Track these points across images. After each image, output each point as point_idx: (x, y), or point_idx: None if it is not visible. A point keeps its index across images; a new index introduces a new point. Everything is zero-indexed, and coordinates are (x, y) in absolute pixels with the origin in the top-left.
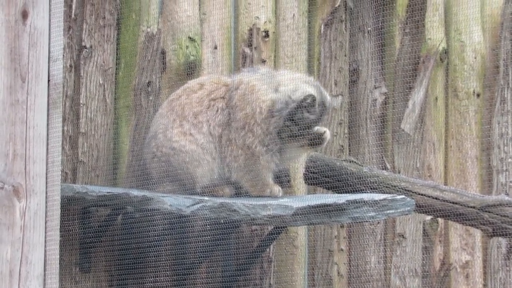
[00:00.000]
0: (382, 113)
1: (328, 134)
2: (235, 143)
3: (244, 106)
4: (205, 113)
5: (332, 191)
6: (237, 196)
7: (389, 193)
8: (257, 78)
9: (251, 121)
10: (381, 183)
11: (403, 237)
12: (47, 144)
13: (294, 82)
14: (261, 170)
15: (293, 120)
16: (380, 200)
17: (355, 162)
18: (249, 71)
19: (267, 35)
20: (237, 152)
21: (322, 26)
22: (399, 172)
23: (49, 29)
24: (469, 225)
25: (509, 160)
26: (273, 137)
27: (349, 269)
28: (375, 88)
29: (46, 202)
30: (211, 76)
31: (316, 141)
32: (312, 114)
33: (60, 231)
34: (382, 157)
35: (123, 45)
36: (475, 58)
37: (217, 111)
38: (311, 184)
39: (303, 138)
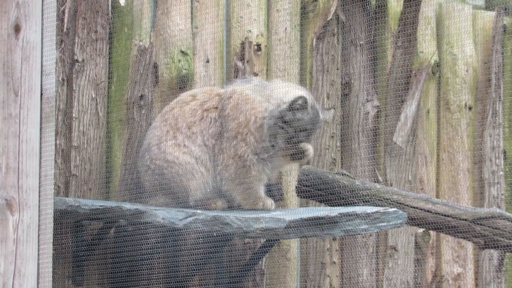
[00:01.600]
0: (374, 126)
1: (310, 152)
2: (227, 152)
3: (237, 115)
4: (199, 124)
5: (325, 204)
6: (230, 209)
7: (381, 206)
8: (250, 88)
9: (244, 130)
10: (373, 196)
11: (395, 249)
12: (40, 158)
13: (286, 88)
14: (253, 182)
15: (286, 122)
16: (372, 213)
17: (347, 175)
18: (242, 82)
19: (259, 49)
20: (228, 162)
21: (314, 40)
22: (391, 185)
23: (42, 43)
24: (461, 237)
25: (501, 173)
26: (265, 145)
27: (342, 281)
28: (367, 101)
29: (39, 216)
30: (203, 88)
31: (299, 155)
32: (306, 116)
33: (53, 245)
34: (374, 170)
35: (116, 58)
36: (467, 71)
37: (211, 122)
38: (304, 197)
39: (297, 143)
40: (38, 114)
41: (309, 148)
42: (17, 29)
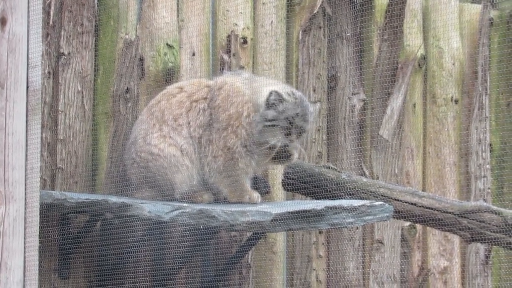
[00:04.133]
0: (361, 119)
1: (294, 158)
2: (216, 144)
3: (228, 107)
4: (186, 116)
5: (311, 197)
6: (216, 203)
7: (368, 199)
8: (241, 81)
9: (235, 122)
10: (359, 189)
11: (382, 243)
12: (26, 151)
13: (261, 88)
14: (240, 175)
15: (271, 120)
16: (358, 206)
17: (333, 168)
18: (232, 74)
19: (245, 42)
20: (217, 153)
21: (300, 33)
22: (377, 178)
23: (28, 36)
24: (448, 231)
25: (487, 166)
26: (255, 138)
27: (328, 275)
28: (354, 94)
29: (25, 209)
30: (191, 80)
31: (283, 159)
32: (287, 105)
33: (39, 238)
34: (361, 164)
35: (102, 52)
36: (453, 64)
37: (199, 112)
38: (290, 191)
39: (288, 135)
40: (24, 106)
41: (294, 153)
42: (3, 21)
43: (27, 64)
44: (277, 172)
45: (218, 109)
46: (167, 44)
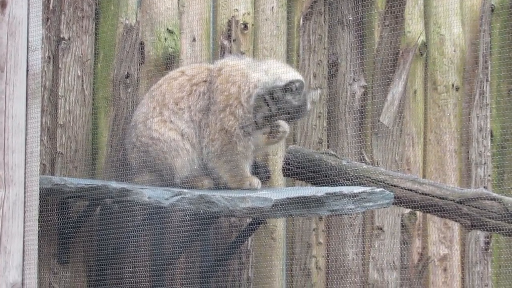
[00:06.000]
0: (361, 106)
1: (285, 128)
2: (213, 126)
3: (227, 87)
4: (187, 99)
5: (311, 183)
6: (216, 189)
7: (368, 186)
8: (243, 63)
9: (234, 102)
10: (360, 176)
11: (382, 230)
12: (26, 134)
13: (284, 68)
14: (239, 160)
15: (274, 98)
16: (359, 192)
17: (334, 155)
18: (234, 57)
19: (246, 27)
20: (214, 136)
21: (301, 19)
22: (377, 165)
23: (28, 19)
24: (448, 218)
25: (488, 153)
26: (250, 116)
27: (328, 262)
28: (354, 81)
29: (24, 192)
30: (192, 64)
31: (273, 133)
32: (295, 101)
33: (39, 223)
34: (361, 150)
35: (102, 36)
36: (455, 51)
37: (199, 96)
38: (290, 177)
39: (277, 122)
40: (24, 90)
41: (284, 124)
42: (3, 4)
43: (27, 48)
44: (277, 158)
45: (217, 91)
46: (167, 29)
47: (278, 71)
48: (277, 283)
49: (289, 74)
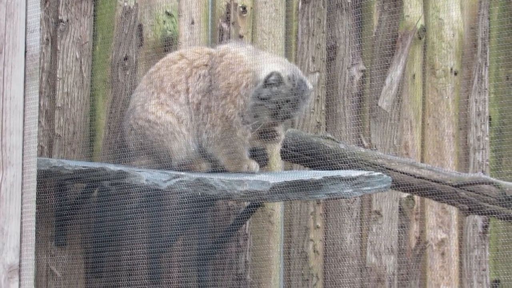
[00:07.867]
0: (360, 90)
1: (281, 139)
2: (214, 112)
3: (228, 75)
4: (185, 82)
5: (309, 167)
6: (214, 172)
7: (366, 170)
8: (244, 51)
9: (234, 92)
10: (358, 160)
11: (379, 214)
12: (24, 116)
13: (264, 64)
14: (238, 145)
15: (263, 99)
16: (357, 176)
17: (332, 138)
18: (236, 44)
19: (244, 11)
20: (216, 121)
21: (300, 2)
22: (376, 149)
23: (26, 0)
24: (446, 202)
25: (486, 138)
26: (249, 110)
27: (325, 245)
28: (353, 65)
29: (22, 174)
30: (192, 47)
31: (269, 139)
32: (284, 89)
33: (36, 205)
34: (359, 134)
35: (100, 19)
36: (453, 35)
37: (199, 77)
38: (288, 161)
39: (279, 115)
40: (22, 71)
41: (281, 134)
42: None
43: (25, 29)
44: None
45: (218, 76)
46: (166, 12)
47: (257, 68)
48: (274, 266)
49: (264, 71)
